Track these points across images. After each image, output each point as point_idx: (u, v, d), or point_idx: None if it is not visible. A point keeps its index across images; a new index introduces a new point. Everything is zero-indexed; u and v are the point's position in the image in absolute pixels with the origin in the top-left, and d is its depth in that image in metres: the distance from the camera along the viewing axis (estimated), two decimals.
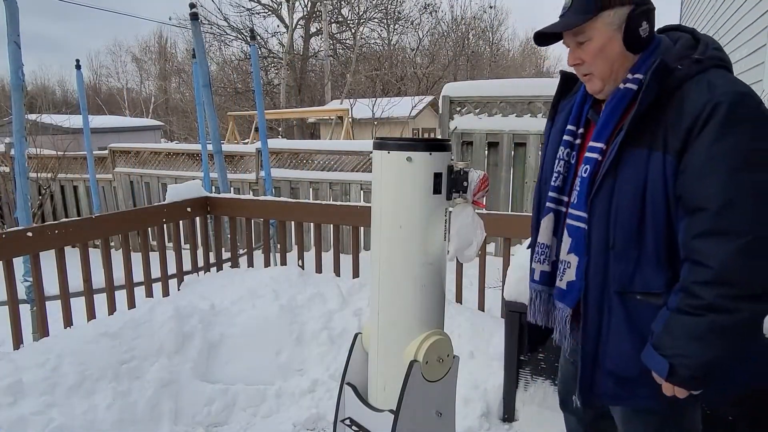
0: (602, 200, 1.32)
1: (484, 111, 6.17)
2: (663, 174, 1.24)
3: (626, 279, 1.31)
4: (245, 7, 23.64)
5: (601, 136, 1.36)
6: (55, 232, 3.04)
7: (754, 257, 1.15)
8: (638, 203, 1.27)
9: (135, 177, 8.13)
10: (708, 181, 1.17)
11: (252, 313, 3.19)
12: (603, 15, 1.30)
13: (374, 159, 1.64)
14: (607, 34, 1.31)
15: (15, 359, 2.52)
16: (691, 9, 11.09)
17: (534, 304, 1.57)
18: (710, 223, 1.17)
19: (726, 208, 1.16)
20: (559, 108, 1.56)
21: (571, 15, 1.33)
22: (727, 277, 1.16)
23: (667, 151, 1.23)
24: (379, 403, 1.74)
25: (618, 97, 1.34)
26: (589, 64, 1.35)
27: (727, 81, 1.23)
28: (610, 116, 1.35)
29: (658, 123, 1.25)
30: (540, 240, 1.53)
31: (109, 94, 35.19)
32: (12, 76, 3.61)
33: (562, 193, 1.47)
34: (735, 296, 1.16)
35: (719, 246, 1.16)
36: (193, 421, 2.67)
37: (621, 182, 1.29)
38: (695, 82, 1.24)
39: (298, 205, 4.06)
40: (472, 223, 1.61)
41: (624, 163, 1.29)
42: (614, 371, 1.36)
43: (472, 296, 3.42)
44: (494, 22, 28.22)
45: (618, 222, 1.30)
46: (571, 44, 1.37)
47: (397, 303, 1.66)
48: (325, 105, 20.51)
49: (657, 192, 1.25)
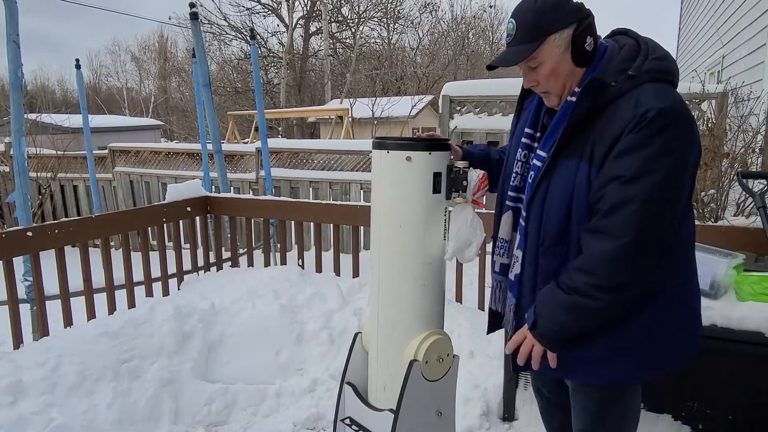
0: (537, 203, 1.47)
1: (483, 110, 6.18)
2: (588, 184, 1.36)
3: (552, 274, 1.47)
4: (245, 7, 23.65)
5: (545, 145, 1.49)
6: (55, 231, 3.04)
7: (621, 257, 1.32)
8: (565, 208, 1.41)
9: (135, 176, 8.13)
10: (607, 188, 1.32)
11: (252, 312, 3.19)
12: (549, 40, 1.38)
13: (373, 159, 1.64)
14: (556, 56, 1.39)
15: (15, 359, 2.52)
16: (691, 9, 11.08)
17: (495, 293, 1.71)
18: (598, 221, 1.34)
19: (611, 212, 1.31)
20: (525, 105, 1.67)
21: (519, 45, 1.39)
22: (594, 269, 1.34)
23: (592, 164, 1.35)
24: (379, 403, 1.74)
25: (563, 110, 1.45)
26: (543, 84, 1.45)
27: (653, 97, 1.31)
28: (555, 127, 1.46)
29: (588, 136, 1.36)
30: (500, 235, 1.65)
31: (109, 94, 35.18)
32: (11, 75, 3.60)
33: (521, 192, 1.59)
34: (594, 286, 1.35)
35: (597, 243, 1.34)
36: (194, 420, 2.67)
37: (552, 188, 1.43)
38: (626, 99, 1.33)
39: (298, 204, 4.06)
40: (472, 223, 1.61)
41: (556, 172, 1.42)
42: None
43: (472, 295, 3.42)
44: (494, 22, 28.19)
45: (548, 223, 1.45)
46: (524, 67, 1.45)
47: (396, 302, 1.67)
48: (325, 104, 20.50)
49: (581, 199, 1.38)
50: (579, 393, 1.66)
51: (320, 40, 24.64)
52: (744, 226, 2.62)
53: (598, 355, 1.48)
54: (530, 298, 1.52)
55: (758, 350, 2.08)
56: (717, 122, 3.95)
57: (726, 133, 3.76)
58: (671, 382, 2.36)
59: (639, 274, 1.35)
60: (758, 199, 2.35)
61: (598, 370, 1.51)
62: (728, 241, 2.46)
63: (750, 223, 2.68)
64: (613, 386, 1.60)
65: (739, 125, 3.73)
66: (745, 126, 3.75)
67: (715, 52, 7.64)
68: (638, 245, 1.30)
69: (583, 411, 1.67)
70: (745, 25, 5.94)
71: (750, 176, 2.61)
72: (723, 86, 4.98)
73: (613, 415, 1.65)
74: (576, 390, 1.67)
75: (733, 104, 4.33)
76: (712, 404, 2.31)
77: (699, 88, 4.52)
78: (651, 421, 2.42)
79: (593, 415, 1.65)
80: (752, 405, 2.21)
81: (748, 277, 2.18)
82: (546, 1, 1.37)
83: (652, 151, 1.27)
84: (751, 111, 3.96)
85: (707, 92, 4.59)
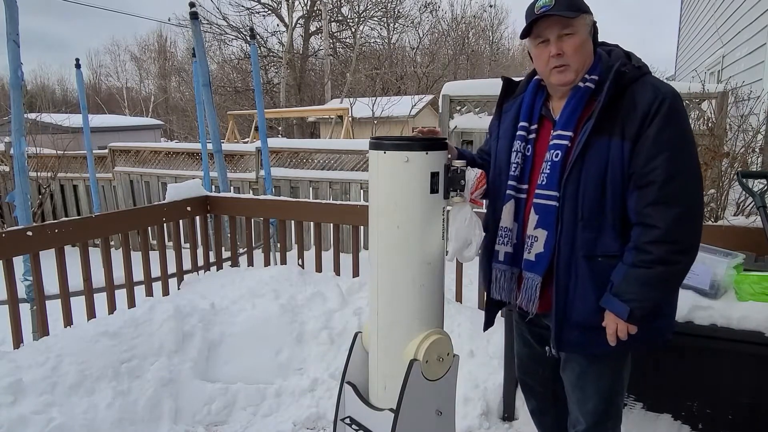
0: (573, 180, 1.54)
1: (484, 110, 6.16)
2: (621, 157, 1.50)
3: (591, 244, 1.56)
4: (245, 6, 23.63)
5: (568, 125, 1.58)
6: (55, 231, 3.04)
7: (686, 221, 1.48)
8: (600, 182, 1.52)
9: (135, 176, 8.12)
10: (655, 161, 1.46)
11: (252, 312, 3.19)
12: (583, 16, 1.55)
13: (370, 159, 1.64)
14: (585, 34, 1.57)
15: (15, 358, 2.52)
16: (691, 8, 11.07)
17: (498, 283, 1.75)
18: (658, 192, 1.46)
19: (668, 182, 1.46)
20: (504, 108, 1.79)
21: (562, 10, 1.51)
22: (671, 237, 1.46)
23: (624, 138, 1.49)
24: (379, 402, 1.75)
25: (580, 94, 1.58)
26: (569, 56, 1.55)
27: (663, 84, 1.54)
28: (575, 109, 1.58)
29: (614, 116, 1.51)
30: (503, 225, 1.70)
31: (109, 93, 35.13)
32: (11, 75, 3.60)
33: (521, 182, 1.67)
34: (676, 251, 1.48)
35: (664, 212, 1.46)
36: (194, 420, 2.67)
37: (588, 165, 1.53)
38: (640, 84, 1.53)
39: (298, 204, 4.06)
40: (470, 223, 1.62)
41: (590, 148, 1.52)
42: (580, 323, 1.60)
43: (472, 295, 3.42)
44: (494, 21, 28.18)
45: (585, 198, 1.54)
46: (552, 36, 1.55)
47: (396, 303, 1.67)
48: (325, 104, 20.48)
49: (616, 172, 1.51)
50: (590, 372, 1.70)
51: (320, 40, 24.63)
52: (744, 225, 2.63)
53: None
54: (566, 272, 1.59)
55: (758, 350, 2.07)
56: (717, 122, 3.95)
57: (726, 133, 3.76)
58: (671, 381, 2.37)
59: (699, 234, 1.52)
60: (758, 199, 2.35)
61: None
62: (728, 240, 2.46)
63: (750, 222, 2.68)
64: (621, 356, 1.68)
65: (739, 125, 3.73)
66: (745, 126, 3.75)
67: (715, 52, 7.64)
68: (698, 207, 1.50)
69: (596, 389, 1.71)
70: (745, 24, 5.94)
71: (750, 176, 2.61)
72: (723, 86, 4.97)
73: (617, 386, 1.74)
74: (588, 362, 1.70)
75: (733, 104, 4.33)
76: (712, 404, 2.31)
77: (699, 87, 4.51)
78: (651, 420, 2.42)
79: (602, 391, 1.71)
80: (752, 405, 2.21)
81: (748, 276, 2.18)
82: None
83: (681, 129, 1.49)
84: (751, 110, 3.96)
85: (707, 92, 4.58)
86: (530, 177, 1.66)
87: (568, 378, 1.77)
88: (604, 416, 1.73)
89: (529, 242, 1.64)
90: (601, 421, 1.73)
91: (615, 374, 1.70)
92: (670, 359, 2.36)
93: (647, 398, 2.45)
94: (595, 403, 1.72)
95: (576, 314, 1.60)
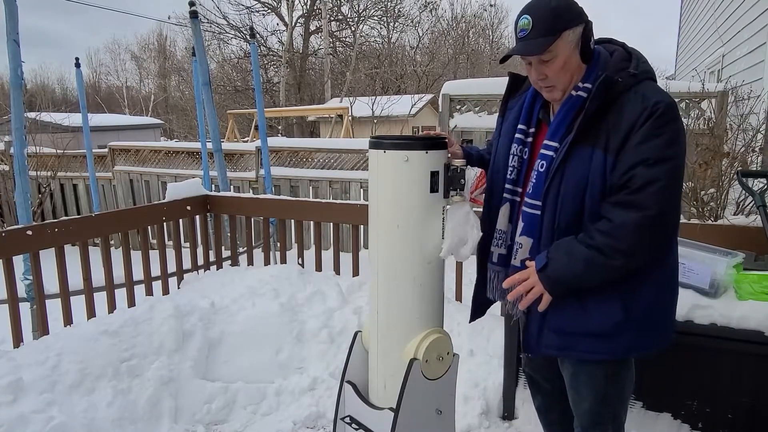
0: (553, 189, 1.55)
1: (484, 109, 6.16)
2: (602, 168, 1.48)
3: None
4: (244, 5, 23.63)
5: (555, 135, 1.57)
6: (55, 230, 3.04)
7: (646, 228, 1.45)
8: (580, 192, 1.51)
9: (135, 175, 8.11)
10: (633, 171, 1.45)
11: (252, 311, 3.19)
12: (564, 35, 1.49)
13: (370, 158, 1.64)
14: (568, 52, 1.51)
15: (15, 357, 2.52)
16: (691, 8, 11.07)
17: (492, 283, 1.77)
18: (627, 196, 1.46)
19: (639, 190, 1.44)
20: (509, 105, 1.78)
21: (536, 38, 1.48)
22: (618, 233, 1.46)
23: (607, 150, 1.48)
24: (379, 401, 1.75)
25: (571, 103, 1.55)
26: (552, 78, 1.54)
27: (656, 92, 1.49)
28: (564, 119, 1.56)
29: (601, 126, 1.49)
30: (498, 227, 1.71)
31: (109, 92, 35.12)
32: (11, 74, 3.60)
33: (517, 185, 1.67)
34: (617, 249, 1.47)
35: (624, 212, 1.46)
36: (193, 419, 2.68)
37: (568, 174, 1.52)
38: (632, 93, 1.49)
39: (297, 203, 4.06)
40: (468, 221, 1.62)
41: (571, 159, 1.52)
42: (559, 327, 1.62)
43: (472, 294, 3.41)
44: (494, 20, 28.19)
45: (563, 207, 1.54)
46: (534, 61, 1.54)
47: (396, 302, 1.67)
48: (325, 103, 20.49)
49: (595, 183, 1.50)
50: (582, 373, 1.70)
51: (320, 39, 24.63)
52: (744, 225, 2.62)
53: (602, 329, 1.57)
54: None
55: (758, 349, 2.08)
56: (717, 121, 3.94)
57: (726, 132, 3.75)
58: (671, 380, 2.37)
59: (654, 243, 1.50)
60: (758, 198, 2.35)
61: (602, 344, 1.58)
62: (728, 239, 2.46)
63: (750, 222, 2.68)
64: (615, 361, 1.66)
65: (739, 124, 3.73)
66: (745, 125, 3.74)
67: (715, 51, 7.64)
68: (661, 217, 1.46)
69: (589, 391, 1.71)
70: (745, 23, 5.94)
71: (750, 175, 2.61)
72: (723, 85, 4.97)
73: (614, 390, 1.72)
74: (577, 369, 1.71)
75: (733, 103, 4.33)
76: (712, 403, 2.31)
77: (699, 86, 4.51)
78: (651, 420, 2.42)
79: (596, 394, 1.70)
80: (752, 404, 2.21)
81: (748, 276, 2.18)
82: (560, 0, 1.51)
83: (668, 138, 1.44)
84: (751, 110, 3.96)
85: (707, 91, 4.58)
86: (524, 181, 1.66)
87: (565, 378, 1.77)
88: (599, 418, 1.73)
89: (516, 248, 1.66)
90: (598, 422, 1.73)
91: (610, 379, 1.68)
92: (669, 358, 2.36)
93: (647, 397, 2.45)
94: (590, 405, 1.72)
95: (554, 320, 1.61)
